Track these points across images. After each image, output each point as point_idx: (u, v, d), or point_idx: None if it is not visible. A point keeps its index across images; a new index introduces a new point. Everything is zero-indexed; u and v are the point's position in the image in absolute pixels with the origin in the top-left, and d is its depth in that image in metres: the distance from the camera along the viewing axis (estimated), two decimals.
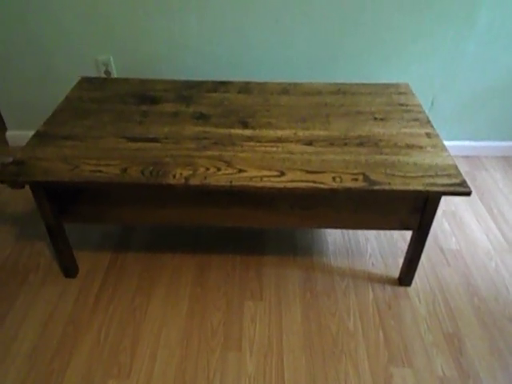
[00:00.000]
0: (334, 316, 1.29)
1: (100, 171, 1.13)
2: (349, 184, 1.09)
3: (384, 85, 1.55)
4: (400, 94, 1.50)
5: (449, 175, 1.12)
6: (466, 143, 1.90)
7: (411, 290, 1.36)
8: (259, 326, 1.26)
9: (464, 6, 1.58)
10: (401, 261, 1.44)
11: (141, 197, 1.21)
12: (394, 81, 1.66)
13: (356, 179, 1.11)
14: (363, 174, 1.12)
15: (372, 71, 1.75)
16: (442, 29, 1.63)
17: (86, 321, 1.26)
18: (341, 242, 1.53)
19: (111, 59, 1.76)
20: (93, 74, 1.76)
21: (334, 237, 1.55)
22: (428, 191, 1.08)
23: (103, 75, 1.79)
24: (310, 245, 1.52)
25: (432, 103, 1.78)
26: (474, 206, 1.69)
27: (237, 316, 1.29)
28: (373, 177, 1.12)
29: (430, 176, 1.12)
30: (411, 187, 1.08)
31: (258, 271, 1.42)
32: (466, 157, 1.93)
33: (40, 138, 1.26)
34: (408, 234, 1.52)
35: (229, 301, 1.33)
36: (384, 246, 1.51)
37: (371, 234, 1.56)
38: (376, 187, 1.09)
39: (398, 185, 1.09)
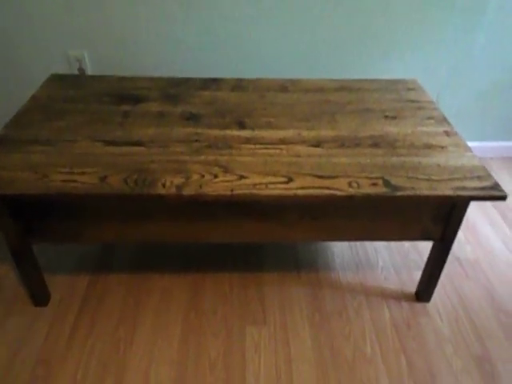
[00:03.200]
0: (347, 339, 1.14)
1: (74, 181, 0.95)
2: (368, 190, 0.95)
3: (391, 80, 1.42)
4: (409, 90, 1.37)
5: (479, 177, 0.99)
6: (472, 144, 1.79)
7: (430, 306, 1.22)
8: (264, 355, 1.10)
9: None
10: (416, 274, 1.30)
11: (123, 211, 1.03)
12: (395, 76, 1.53)
13: (375, 184, 0.96)
14: (382, 178, 0.98)
15: (372, 66, 1.62)
16: (449, 18, 1.51)
17: (60, 359, 1.06)
18: (348, 254, 1.38)
19: (85, 54, 1.57)
20: (64, 71, 1.57)
21: (340, 248, 1.40)
22: (458, 196, 0.94)
23: (76, 73, 1.60)
24: (315, 258, 1.37)
25: (436, 100, 1.67)
26: (485, 210, 1.58)
27: (238, 344, 1.12)
28: (394, 181, 0.97)
29: (458, 179, 0.98)
30: (439, 192, 0.95)
31: (258, 290, 1.26)
32: None
33: (0, 142, 1.06)
34: (421, 243, 1.39)
35: (228, 327, 1.16)
36: (396, 258, 1.37)
37: (380, 244, 1.42)
38: (399, 193, 0.94)
39: (423, 190, 0.95)
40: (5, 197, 0.94)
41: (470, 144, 1.14)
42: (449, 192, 0.94)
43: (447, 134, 1.15)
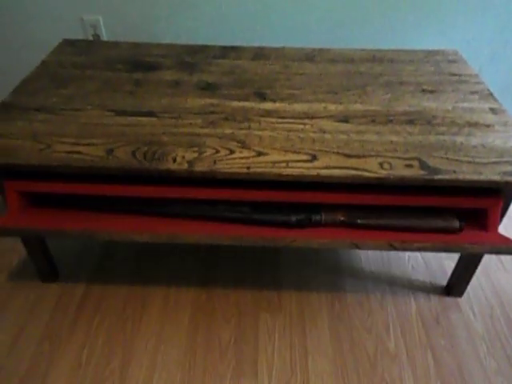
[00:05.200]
0: (369, 332, 1.05)
1: (78, 152, 0.88)
2: (402, 171, 0.84)
3: (428, 51, 1.28)
4: (449, 62, 1.23)
5: None
6: None
7: (462, 300, 1.12)
8: (279, 344, 1.03)
9: None
10: (446, 263, 1.20)
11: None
12: (432, 47, 1.38)
13: (410, 165, 0.85)
14: (419, 159, 0.87)
15: (407, 35, 1.47)
16: None
17: (66, 336, 1.03)
18: None
19: (100, 20, 1.48)
20: (79, 37, 1.49)
21: None
22: (507, 182, 0.83)
23: (91, 39, 1.52)
24: None
25: (479, 73, 1.51)
26: None
27: (251, 331, 1.05)
28: (431, 163, 0.86)
29: (507, 162, 0.86)
30: (484, 177, 0.83)
31: (273, 274, 1.18)
32: None
33: (5, 109, 1.00)
34: None
35: (241, 312, 1.09)
36: None
37: None
38: (438, 176, 0.83)
39: (466, 173, 0.84)
40: (5, 166, 0.88)
41: None
42: (495, 177, 0.83)
43: (493, 111, 1.02)
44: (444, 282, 1.16)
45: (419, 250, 0.90)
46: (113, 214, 0.94)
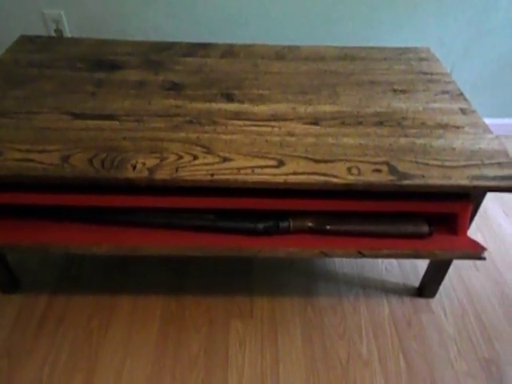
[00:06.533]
0: (342, 338, 1.04)
1: (31, 160, 0.82)
2: (370, 177, 0.82)
3: (400, 49, 1.26)
4: (421, 60, 1.21)
5: (499, 164, 0.85)
6: (486, 120, 1.64)
7: (434, 301, 1.12)
8: (249, 353, 1.00)
9: None
10: (419, 264, 1.19)
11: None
12: (405, 44, 1.36)
13: (379, 170, 0.83)
14: (387, 164, 0.85)
15: (379, 32, 1.45)
16: None
17: (26, 352, 0.98)
18: None
19: (62, 14, 1.41)
20: (40, 33, 1.41)
21: None
22: (476, 187, 0.81)
23: (53, 35, 1.45)
24: None
25: (451, 71, 1.50)
26: (497, 194, 1.44)
27: (222, 340, 1.02)
28: (400, 167, 0.84)
29: (476, 166, 0.85)
30: (452, 181, 0.82)
31: (246, 279, 1.16)
32: None
33: None
34: None
35: (212, 320, 1.06)
36: None
37: None
38: (406, 182, 0.81)
39: (434, 178, 0.82)
40: None
41: (485, 120, 1.00)
42: (464, 182, 0.81)
43: (463, 111, 1.01)
44: (417, 284, 1.15)
45: (388, 256, 0.89)
46: (71, 224, 0.89)
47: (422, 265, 1.15)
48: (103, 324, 1.04)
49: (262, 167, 0.83)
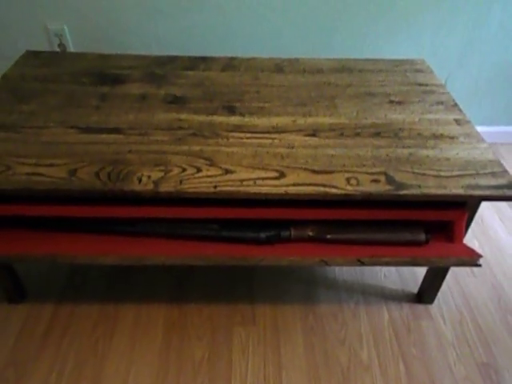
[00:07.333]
0: (343, 344, 1.06)
1: (39, 174, 0.85)
2: (368, 187, 0.85)
3: (396, 61, 1.30)
4: (416, 71, 1.25)
5: (493, 174, 0.88)
6: (481, 128, 1.67)
7: (433, 307, 1.14)
8: (252, 359, 1.02)
9: None
10: (418, 271, 1.22)
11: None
12: (402, 56, 1.40)
13: (377, 180, 0.86)
14: (385, 174, 0.88)
15: (376, 45, 1.49)
16: None
17: (32, 361, 0.99)
18: None
19: (66, 29, 1.45)
20: (44, 48, 1.45)
21: None
22: (470, 196, 0.84)
23: (57, 49, 1.48)
24: None
25: (446, 81, 1.54)
26: (493, 202, 1.47)
27: (224, 347, 1.04)
28: (397, 177, 0.87)
29: (470, 175, 0.88)
30: (448, 191, 0.84)
31: (247, 287, 1.18)
32: None
33: None
34: None
35: (215, 327, 1.08)
36: None
37: None
38: (403, 191, 0.84)
39: (430, 188, 0.85)
40: None
41: (479, 129, 1.03)
42: (459, 191, 0.84)
43: (458, 122, 1.04)
44: (416, 290, 1.17)
45: (387, 264, 0.91)
46: (78, 235, 0.92)
47: (421, 271, 1.17)
48: (108, 332, 1.06)
49: (263, 179, 0.86)
